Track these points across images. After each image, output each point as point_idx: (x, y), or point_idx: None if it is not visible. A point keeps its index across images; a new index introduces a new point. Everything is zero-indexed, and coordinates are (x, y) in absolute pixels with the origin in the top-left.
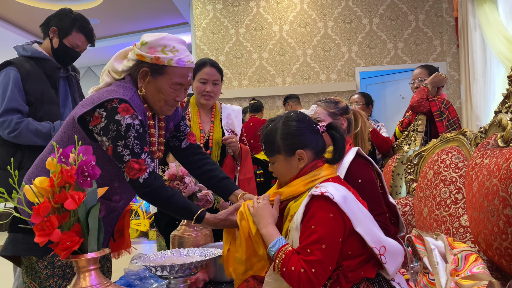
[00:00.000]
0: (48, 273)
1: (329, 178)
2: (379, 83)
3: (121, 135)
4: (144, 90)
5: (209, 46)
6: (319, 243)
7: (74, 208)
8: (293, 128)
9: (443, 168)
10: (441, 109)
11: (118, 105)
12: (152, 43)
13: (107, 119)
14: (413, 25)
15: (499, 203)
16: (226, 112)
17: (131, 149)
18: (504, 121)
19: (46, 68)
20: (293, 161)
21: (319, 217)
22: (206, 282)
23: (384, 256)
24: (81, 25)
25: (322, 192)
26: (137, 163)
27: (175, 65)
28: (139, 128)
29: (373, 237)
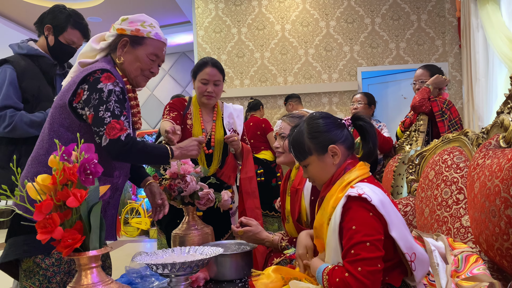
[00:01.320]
0: (55, 270)
1: (364, 179)
2: (381, 83)
3: (103, 100)
4: (122, 58)
5: (211, 45)
6: (362, 242)
7: (76, 205)
8: (320, 125)
9: (444, 168)
10: (443, 109)
11: (100, 75)
12: (132, 18)
13: (89, 91)
14: (415, 25)
15: (500, 204)
16: (228, 111)
17: (111, 111)
18: (506, 122)
19: (42, 65)
20: (327, 159)
21: (359, 217)
22: (207, 280)
23: (414, 263)
24: (75, 21)
25: (359, 194)
26: (118, 123)
27: (153, 37)
28: (119, 94)
29: (406, 242)
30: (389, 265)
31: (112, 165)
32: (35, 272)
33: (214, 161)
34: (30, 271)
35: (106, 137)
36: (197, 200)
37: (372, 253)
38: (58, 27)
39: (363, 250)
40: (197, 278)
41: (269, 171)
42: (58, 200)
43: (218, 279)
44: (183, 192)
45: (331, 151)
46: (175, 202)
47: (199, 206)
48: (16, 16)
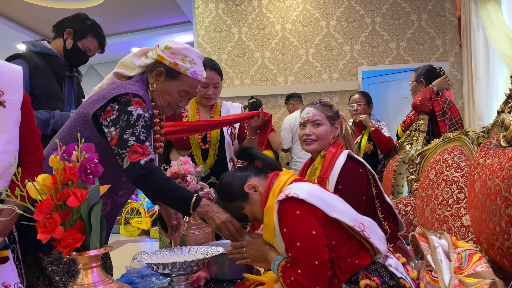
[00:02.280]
0: (54, 270)
1: (292, 181)
2: (381, 82)
3: (131, 124)
4: (155, 86)
5: (211, 45)
6: (292, 243)
7: (77, 205)
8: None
9: (445, 167)
10: (444, 109)
11: (132, 98)
12: (175, 49)
13: (119, 111)
14: (415, 24)
15: (501, 203)
16: (226, 108)
17: (137, 136)
18: (507, 121)
19: (54, 64)
20: (254, 197)
21: (286, 219)
22: (208, 280)
23: (366, 232)
24: (97, 31)
25: (286, 195)
26: (141, 148)
27: (189, 75)
28: (148, 120)
29: (349, 217)
30: (349, 247)
31: (120, 184)
32: (37, 268)
33: (210, 156)
34: (35, 266)
35: (127, 160)
36: None
37: (304, 253)
38: (80, 33)
39: (295, 250)
40: (198, 277)
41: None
42: (59, 199)
43: (218, 278)
44: None
45: (249, 189)
46: None
47: None
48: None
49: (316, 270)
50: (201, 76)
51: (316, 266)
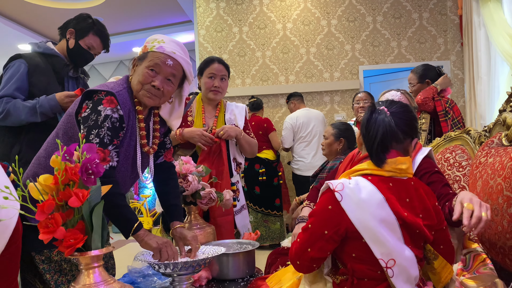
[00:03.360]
0: (45, 268)
1: (367, 174)
2: (382, 81)
3: (97, 124)
4: (131, 78)
5: (212, 44)
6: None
7: (78, 205)
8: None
9: (447, 167)
10: (446, 109)
11: (104, 97)
12: (148, 39)
13: (90, 109)
14: (417, 23)
15: (503, 202)
16: (230, 108)
17: (101, 138)
18: (508, 120)
19: (55, 64)
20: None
21: (320, 202)
22: (209, 280)
23: (392, 269)
24: (98, 29)
25: (334, 189)
26: (103, 152)
27: (155, 50)
28: (115, 121)
29: (383, 248)
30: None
31: None
32: (32, 267)
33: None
34: (28, 264)
35: None
36: (199, 200)
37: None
38: (81, 31)
39: (304, 229)
40: (200, 277)
41: (271, 170)
42: (60, 200)
43: (220, 278)
44: (185, 192)
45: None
46: None
47: (201, 205)
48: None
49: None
50: (169, 51)
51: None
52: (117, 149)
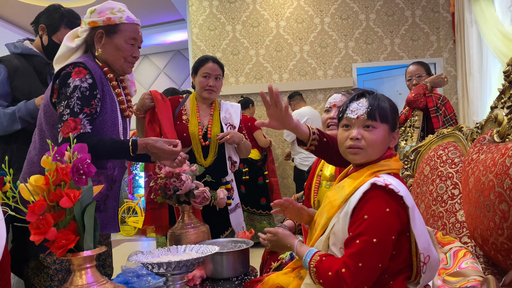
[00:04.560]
0: (57, 268)
1: (392, 173)
2: (376, 79)
3: (67, 96)
4: (100, 50)
5: (205, 43)
6: (368, 234)
7: (70, 206)
8: (396, 106)
9: (439, 163)
10: (438, 105)
11: (72, 69)
12: (100, 8)
13: (60, 86)
14: (409, 20)
15: (495, 198)
16: (225, 107)
17: (71, 109)
18: (500, 117)
19: (36, 64)
20: (389, 138)
21: (377, 209)
22: (203, 279)
23: (426, 266)
24: (69, 21)
25: (386, 184)
26: (74, 121)
27: (126, 22)
28: (85, 90)
29: (424, 242)
30: (397, 269)
31: None
32: (40, 269)
33: (210, 153)
34: (37, 269)
35: (60, 135)
36: (193, 199)
37: (376, 252)
38: (51, 26)
39: (368, 245)
40: (194, 276)
41: (255, 170)
42: (51, 200)
43: (214, 277)
44: (178, 191)
45: (394, 135)
46: (170, 201)
47: (194, 204)
48: (12, 17)
49: (376, 271)
50: (136, 20)
51: (378, 268)
52: (89, 117)
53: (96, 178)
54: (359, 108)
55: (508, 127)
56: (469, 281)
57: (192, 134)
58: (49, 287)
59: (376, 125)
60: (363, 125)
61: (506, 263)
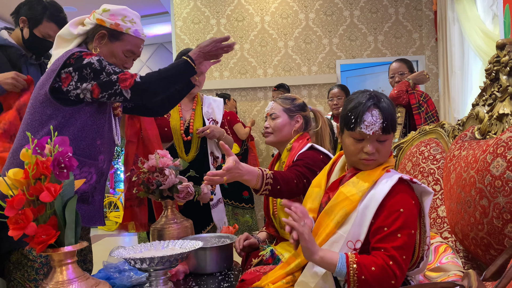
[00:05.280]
0: (42, 261)
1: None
2: (359, 75)
3: (98, 69)
4: (98, 50)
5: (189, 36)
6: (406, 228)
7: (50, 200)
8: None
9: (421, 160)
10: (420, 102)
11: (80, 54)
12: (114, 11)
13: (77, 70)
14: (393, 18)
15: (475, 194)
16: (208, 101)
17: (114, 70)
18: (481, 114)
19: (11, 56)
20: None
21: (407, 203)
22: (187, 274)
23: (428, 251)
24: (52, 14)
25: (411, 178)
26: (124, 74)
27: (132, 34)
28: (105, 61)
29: (428, 228)
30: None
31: (97, 149)
32: (23, 263)
33: (192, 148)
34: (19, 263)
35: (126, 90)
36: (176, 194)
37: (413, 242)
38: (33, 19)
39: (409, 238)
40: (177, 271)
41: None
42: (31, 195)
43: (198, 272)
44: (161, 186)
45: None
46: (153, 195)
47: (178, 199)
48: None
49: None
50: (142, 35)
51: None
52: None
53: (87, 169)
54: (374, 123)
55: (489, 124)
56: (450, 276)
57: (173, 128)
58: (33, 281)
59: (388, 136)
60: (377, 139)
61: (486, 257)
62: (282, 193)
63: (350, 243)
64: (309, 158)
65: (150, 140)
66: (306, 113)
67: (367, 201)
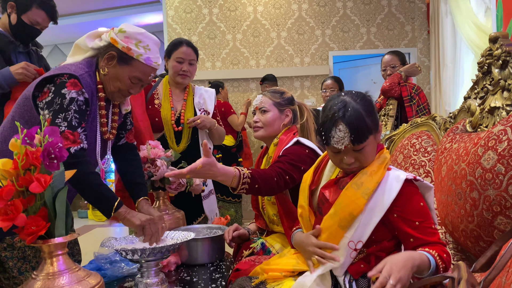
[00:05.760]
0: (7, 255)
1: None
2: (352, 67)
3: (63, 108)
4: (106, 70)
5: (181, 26)
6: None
7: (40, 191)
8: (372, 102)
9: (413, 152)
10: (411, 94)
11: (67, 80)
12: (129, 34)
13: (54, 93)
14: (386, 10)
15: (466, 187)
16: (199, 92)
17: (69, 122)
18: (472, 107)
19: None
20: (377, 137)
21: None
22: (178, 265)
23: None
24: (42, 1)
25: (414, 177)
26: (72, 134)
27: (142, 62)
28: (82, 104)
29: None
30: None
31: None
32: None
33: (183, 138)
34: (10, 251)
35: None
36: (168, 185)
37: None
38: (22, 5)
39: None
40: (168, 262)
41: (229, 156)
42: (21, 185)
43: (189, 263)
44: (153, 177)
45: (379, 131)
46: None
47: (170, 190)
48: None
49: None
50: (155, 63)
51: None
52: (86, 132)
53: None
54: (342, 138)
55: (481, 117)
56: None
57: (164, 119)
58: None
59: (364, 144)
60: (353, 150)
61: (475, 249)
62: (261, 191)
63: (351, 243)
64: (294, 154)
65: (141, 132)
66: (294, 106)
67: (373, 203)
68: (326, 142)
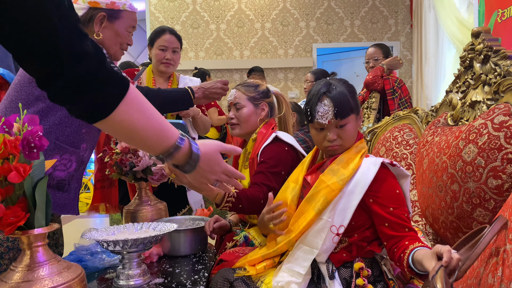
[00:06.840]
0: (9, 246)
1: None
2: (335, 60)
3: None
4: (101, 35)
5: (164, 14)
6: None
7: (19, 181)
8: (353, 87)
9: (395, 145)
10: (394, 88)
11: None
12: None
13: None
14: (370, 3)
15: (447, 179)
16: (184, 81)
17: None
18: (454, 101)
19: None
20: (359, 121)
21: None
22: (161, 256)
23: None
24: None
25: (391, 161)
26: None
27: (129, 10)
28: None
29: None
30: (374, 237)
31: (81, 137)
32: None
33: None
34: None
35: None
36: (150, 176)
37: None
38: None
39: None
40: (150, 254)
41: None
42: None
43: (172, 254)
44: (135, 167)
45: (360, 116)
46: (126, 177)
47: (152, 181)
48: None
49: None
50: (135, 8)
51: None
52: None
53: (68, 157)
54: (326, 111)
55: (462, 111)
56: None
57: None
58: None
59: (347, 120)
60: (336, 126)
61: (454, 240)
62: (244, 211)
63: (333, 227)
64: (273, 158)
65: None
66: (270, 99)
67: (352, 187)
68: (311, 118)
